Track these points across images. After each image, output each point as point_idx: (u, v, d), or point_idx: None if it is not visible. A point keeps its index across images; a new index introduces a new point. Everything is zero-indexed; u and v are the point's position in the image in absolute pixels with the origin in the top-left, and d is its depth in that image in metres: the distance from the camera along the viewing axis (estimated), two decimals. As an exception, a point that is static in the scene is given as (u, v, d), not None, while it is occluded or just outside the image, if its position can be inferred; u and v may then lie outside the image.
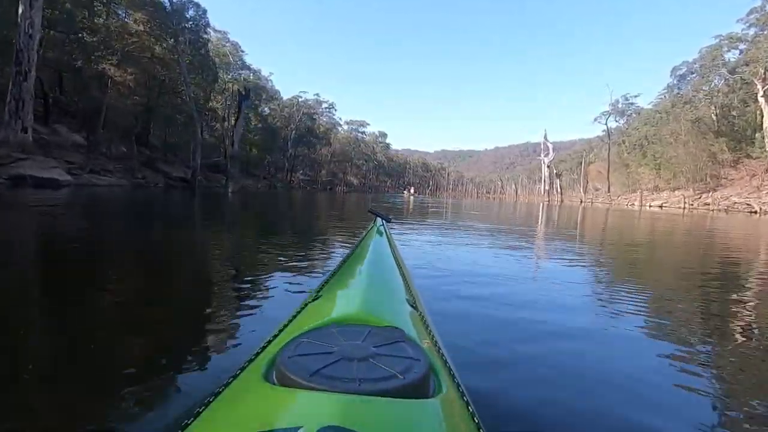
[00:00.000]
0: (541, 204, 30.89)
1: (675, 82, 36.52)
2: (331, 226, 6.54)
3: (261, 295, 2.07)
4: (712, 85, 32.17)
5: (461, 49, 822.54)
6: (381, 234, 1.61)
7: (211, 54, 27.39)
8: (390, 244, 1.50)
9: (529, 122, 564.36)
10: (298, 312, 0.82)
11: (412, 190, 53.08)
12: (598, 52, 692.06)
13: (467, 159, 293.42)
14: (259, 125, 41.49)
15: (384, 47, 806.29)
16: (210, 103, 29.25)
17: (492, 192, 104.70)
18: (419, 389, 0.53)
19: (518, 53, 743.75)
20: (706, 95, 32.71)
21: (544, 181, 43.01)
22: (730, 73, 30.97)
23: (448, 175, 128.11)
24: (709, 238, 7.00)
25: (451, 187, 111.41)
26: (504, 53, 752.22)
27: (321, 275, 2.39)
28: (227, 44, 38.15)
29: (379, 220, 1.88)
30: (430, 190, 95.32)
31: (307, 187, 52.21)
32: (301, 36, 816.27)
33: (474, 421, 0.52)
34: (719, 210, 25.53)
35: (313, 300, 0.90)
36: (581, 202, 42.38)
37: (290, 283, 2.30)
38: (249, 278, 2.48)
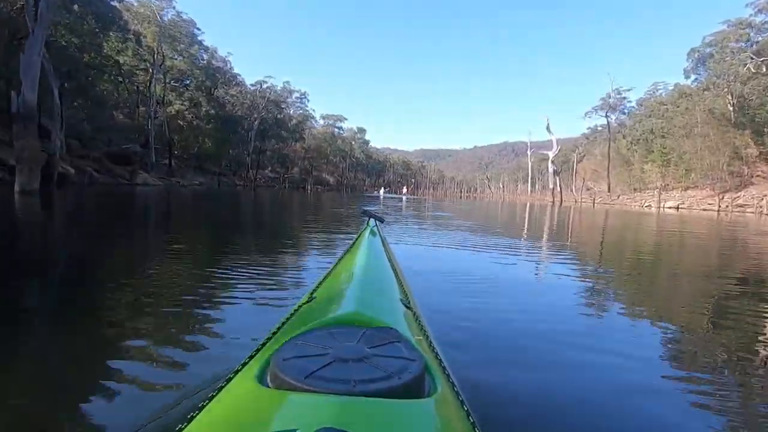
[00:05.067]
0: (548, 206, 26.29)
1: (692, 65, 32.53)
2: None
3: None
4: (732, 69, 28.17)
5: (439, 48, 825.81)
6: (374, 235, 1.65)
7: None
8: (383, 245, 1.50)
9: (508, 122, 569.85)
10: (292, 314, 0.80)
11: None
12: (580, 52, 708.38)
13: (447, 158, 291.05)
14: (213, 111, 35.14)
15: (362, 45, 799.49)
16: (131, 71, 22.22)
17: (473, 191, 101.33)
18: (414, 389, 0.53)
19: (495, 53, 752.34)
20: (728, 83, 28.77)
21: (549, 179, 38.53)
22: (755, 56, 27.12)
23: (429, 173, 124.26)
24: None
25: (432, 186, 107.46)
26: (481, 53, 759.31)
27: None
28: (170, 12, 31.76)
29: (372, 221, 1.98)
30: (411, 189, 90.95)
31: (275, 185, 46.09)
32: (268, 25, 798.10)
33: (469, 420, 0.52)
34: (763, 213, 21.41)
35: (307, 302, 0.89)
36: (576, 202, 38.10)
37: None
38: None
